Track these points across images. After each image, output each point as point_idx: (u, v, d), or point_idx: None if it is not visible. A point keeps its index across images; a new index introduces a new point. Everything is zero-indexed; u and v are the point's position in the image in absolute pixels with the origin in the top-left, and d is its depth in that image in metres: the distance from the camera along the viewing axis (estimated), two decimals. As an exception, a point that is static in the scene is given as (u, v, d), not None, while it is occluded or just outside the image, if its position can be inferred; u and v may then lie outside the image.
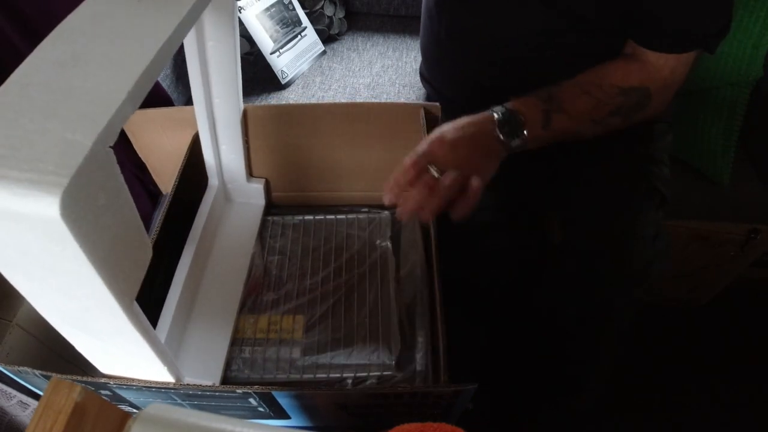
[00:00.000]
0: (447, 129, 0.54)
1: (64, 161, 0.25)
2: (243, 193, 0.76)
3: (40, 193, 0.24)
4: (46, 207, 0.24)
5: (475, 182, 0.50)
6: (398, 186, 0.51)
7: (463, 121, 0.55)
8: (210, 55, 0.57)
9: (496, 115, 0.55)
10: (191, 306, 0.65)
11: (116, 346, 0.39)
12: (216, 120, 0.65)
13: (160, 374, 0.43)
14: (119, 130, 0.28)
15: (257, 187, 0.75)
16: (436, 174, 0.50)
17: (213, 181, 0.72)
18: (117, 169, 0.29)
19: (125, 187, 0.30)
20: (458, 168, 0.50)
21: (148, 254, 0.35)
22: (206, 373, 0.59)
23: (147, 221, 0.79)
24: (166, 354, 0.41)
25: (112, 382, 0.42)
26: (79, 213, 0.26)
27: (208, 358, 0.61)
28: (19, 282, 0.31)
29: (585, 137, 0.63)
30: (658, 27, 0.58)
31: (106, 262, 0.29)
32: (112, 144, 0.28)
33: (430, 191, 0.49)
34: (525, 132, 0.55)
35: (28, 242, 0.27)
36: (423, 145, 0.53)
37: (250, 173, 0.75)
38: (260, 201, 0.77)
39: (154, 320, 0.58)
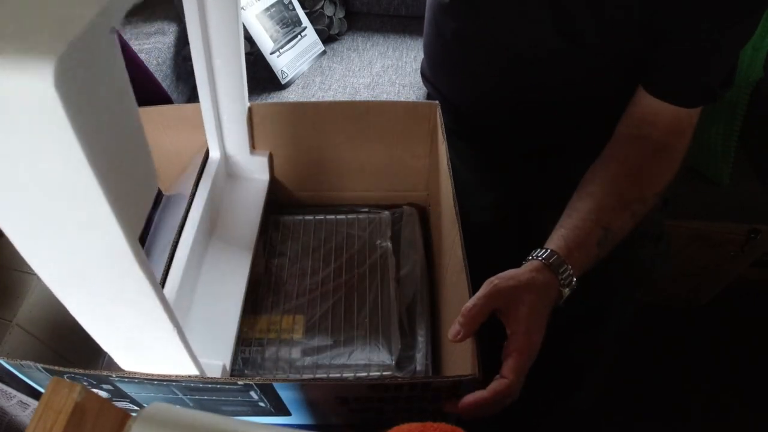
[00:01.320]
0: (533, 311, 0.48)
1: (60, 31, 0.23)
2: (246, 167, 0.73)
3: (32, 60, 0.21)
4: (39, 76, 0.21)
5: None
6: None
7: (539, 306, 0.49)
8: (209, 11, 0.55)
9: (564, 291, 0.52)
10: (196, 280, 0.63)
11: (118, 303, 0.35)
12: (217, 85, 0.62)
13: (169, 341, 0.40)
14: (123, 14, 0.26)
15: (261, 160, 0.72)
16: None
17: (214, 153, 0.69)
18: (120, 59, 0.26)
19: (129, 86, 0.28)
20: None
21: (154, 182, 0.32)
22: (216, 352, 0.56)
23: (147, 221, 0.79)
24: (173, 314, 0.38)
25: (114, 375, 0.42)
26: (75, 92, 0.23)
27: (217, 336, 0.58)
28: (8, 225, 0.28)
29: None
30: (672, 79, 0.57)
31: (105, 164, 0.26)
32: (114, 25, 0.25)
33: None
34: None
35: (17, 132, 0.24)
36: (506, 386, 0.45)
37: (253, 146, 0.72)
38: (264, 176, 0.74)
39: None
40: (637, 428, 0.95)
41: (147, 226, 0.76)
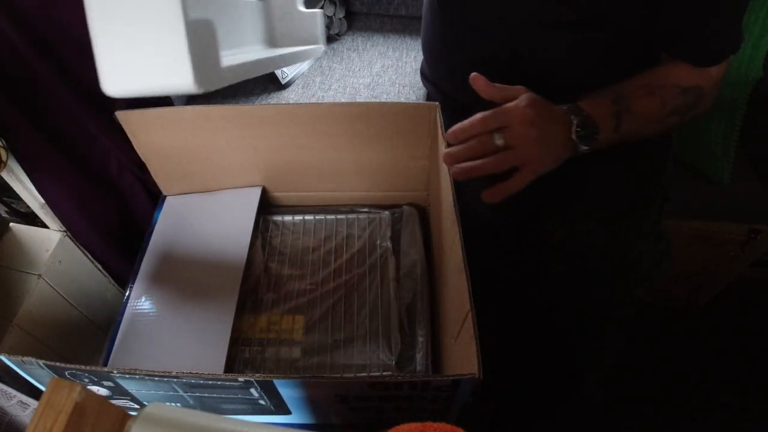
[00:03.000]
0: (533, 103, 0.51)
1: None
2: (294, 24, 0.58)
3: None
4: None
5: (526, 172, 0.49)
6: (462, 132, 0.50)
7: (545, 107, 0.53)
8: None
9: (573, 118, 0.53)
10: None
11: None
12: None
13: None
14: None
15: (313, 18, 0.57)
16: (498, 142, 0.48)
17: None
18: None
19: None
20: (523, 147, 0.49)
21: None
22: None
23: (147, 221, 0.79)
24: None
25: (115, 371, 0.42)
26: None
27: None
28: None
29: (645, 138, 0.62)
30: (687, 42, 0.58)
31: None
32: None
33: (481, 152, 0.49)
34: (597, 138, 0.54)
35: None
36: (503, 107, 0.51)
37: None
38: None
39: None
40: (637, 428, 0.95)
41: (147, 226, 0.76)
